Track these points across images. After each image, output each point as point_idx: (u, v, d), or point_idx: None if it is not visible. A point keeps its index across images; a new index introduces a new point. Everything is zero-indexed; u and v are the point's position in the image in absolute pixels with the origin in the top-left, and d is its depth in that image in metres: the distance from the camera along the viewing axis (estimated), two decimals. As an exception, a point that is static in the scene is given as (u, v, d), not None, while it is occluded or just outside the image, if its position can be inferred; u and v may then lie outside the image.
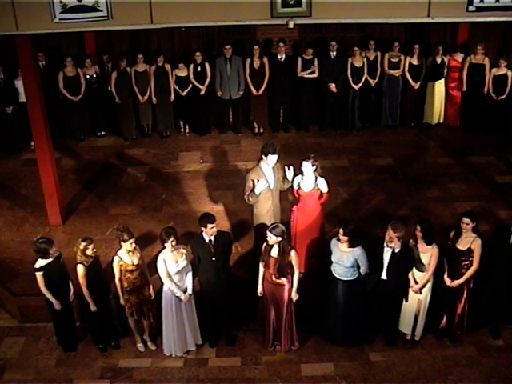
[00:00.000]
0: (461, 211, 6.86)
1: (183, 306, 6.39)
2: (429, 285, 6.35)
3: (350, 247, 6.17)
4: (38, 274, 6.24)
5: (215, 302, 6.50)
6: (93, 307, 6.39)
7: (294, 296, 6.32)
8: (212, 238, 6.24)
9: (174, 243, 6.09)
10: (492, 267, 6.47)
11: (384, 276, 6.29)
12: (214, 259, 6.28)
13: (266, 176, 6.69)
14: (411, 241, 6.30)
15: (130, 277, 6.30)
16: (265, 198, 6.73)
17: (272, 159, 6.64)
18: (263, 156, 6.67)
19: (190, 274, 6.36)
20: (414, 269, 6.30)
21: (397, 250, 6.13)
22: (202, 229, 6.21)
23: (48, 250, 6.21)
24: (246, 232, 7.49)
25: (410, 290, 6.38)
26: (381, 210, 8.38)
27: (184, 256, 6.26)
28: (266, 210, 6.80)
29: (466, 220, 6.18)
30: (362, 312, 6.48)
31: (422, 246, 6.23)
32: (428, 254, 6.21)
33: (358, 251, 6.18)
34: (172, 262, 6.16)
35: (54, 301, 6.35)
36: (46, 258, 6.24)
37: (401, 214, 8.12)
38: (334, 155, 9.89)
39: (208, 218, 6.19)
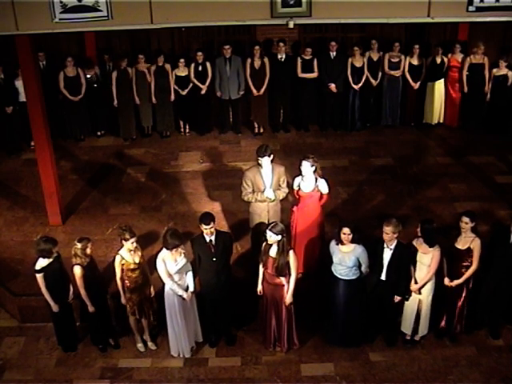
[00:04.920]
0: (461, 211, 6.85)
1: (186, 304, 6.38)
2: (430, 285, 6.34)
3: (352, 243, 6.14)
4: (39, 276, 6.22)
5: (215, 302, 6.50)
6: (90, 308, 6.38)
7: (288, 299, 6.25)
8: (212, 238, 6.23)
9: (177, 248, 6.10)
10: (492, 267, 6.46)
11: (383, 276, 6.30)
12: (214, 259, 6.27)
13: (262, 176, 6.71)
14: (413, 241, 6.30)
15: (132, 275, 6.31)
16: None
17: (263, 161, 6.64)
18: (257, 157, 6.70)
19: (190, 273, 6.35)
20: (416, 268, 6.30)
21: (391, 247, 6.12)
22: (201, 228, 6.21)
23: (52, 249, 6.20)
24: (246, 232, 7.48)
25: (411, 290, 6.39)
26: (381, 210, 8.38)
27: (182, 255, 6.24)
28: (260, 209, 6.81)
29: (466, 219, 6.17)
30: (362, 312, 6.48)
31: (423, 246, 6.23)
32: (429, 255, 6.20)
33: (358, 250, 6.17)
34: (171, 262, 6.15)
35: (52, 303, 6.34)
36: (48, 258, 6.23)
37: (401, 214, 8.10)
38: (334, 155, 9.89)
39: (205, 219, 6.15)
